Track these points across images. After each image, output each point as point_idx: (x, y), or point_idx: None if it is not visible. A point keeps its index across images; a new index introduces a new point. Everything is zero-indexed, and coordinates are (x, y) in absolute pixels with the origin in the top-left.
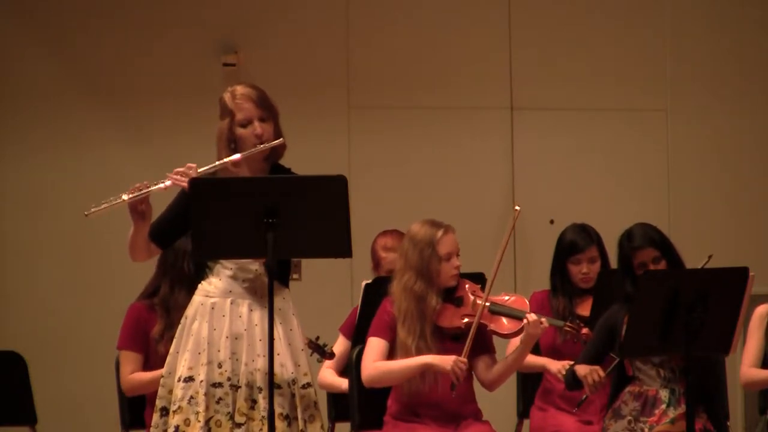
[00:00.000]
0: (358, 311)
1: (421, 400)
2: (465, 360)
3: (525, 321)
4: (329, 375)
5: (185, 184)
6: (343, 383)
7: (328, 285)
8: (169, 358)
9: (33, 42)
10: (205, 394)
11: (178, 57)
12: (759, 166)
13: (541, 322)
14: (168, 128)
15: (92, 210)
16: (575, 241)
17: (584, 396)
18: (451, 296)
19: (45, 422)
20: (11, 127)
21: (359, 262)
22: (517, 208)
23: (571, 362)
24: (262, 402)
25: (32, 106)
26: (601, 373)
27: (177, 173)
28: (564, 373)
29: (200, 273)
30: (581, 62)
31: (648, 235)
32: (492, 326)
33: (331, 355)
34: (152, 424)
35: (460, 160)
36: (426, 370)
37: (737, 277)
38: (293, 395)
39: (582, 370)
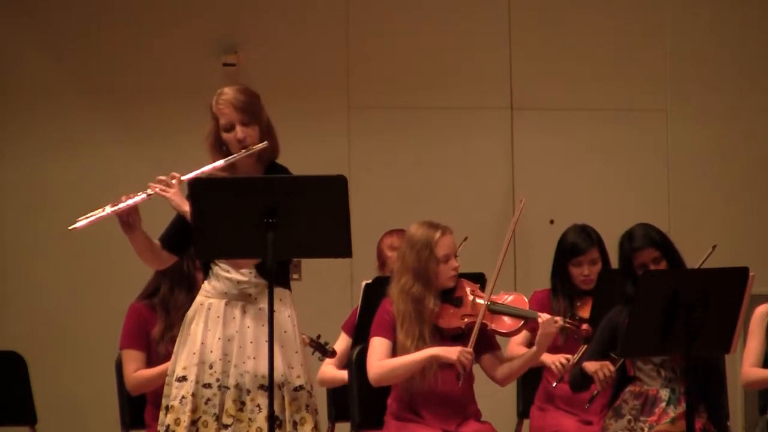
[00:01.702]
0: (358, 311)
1: (421, 399)
2: (471, 350)
3: (539, 320)
4: (330, 369)
5: (167, 195)
6: (344, 374)
7: (328, 285)
8: (172, 358)
9: (33, 42)
10: (193, 395)
11: (178, 57)
12: (759, 166)
13: (556, 321)
14: (168, 128)
15: (77, 224)
16: (576, 243)
17: (595, 392)
18: (450, 297)
19: (45, 422)
20: (11, 127)
21: (359, 262)
22: (522, 200)
23: (568, 356)
24: (249, 404)
25: (32, 106)
26: (611, 368)
27: (159, 182)
28: (558, 365)
29: (205, 273)
30: (581, 62)
31: (648, 236)
32: (493, 325)
33: (333, 354)
34: (159, 422)
35: (460, 160)
36: (432, 362)
37: (737, 277)
38: (283, 397)
39: (591, 366)
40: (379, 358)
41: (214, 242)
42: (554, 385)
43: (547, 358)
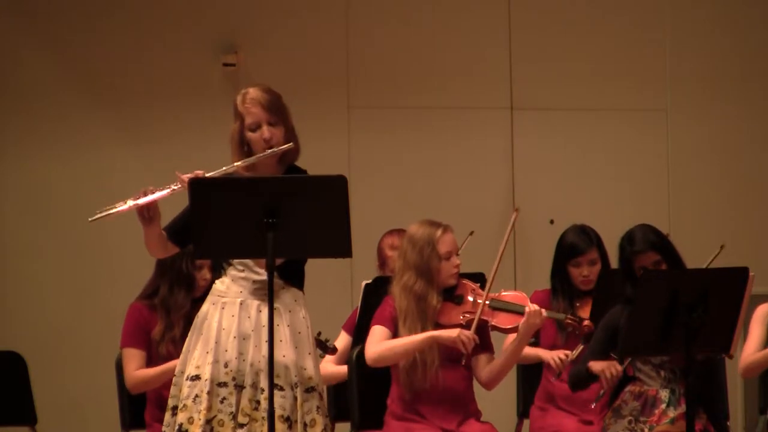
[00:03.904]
0: (358, 311)
1: (421, 399)
2: (472, 333)
3: (526, 310)
4: (329, 365)
5: None
6: (343, 368)
7: (328, 285)
8: (181, 357)
9: (33, 43)
10: (209, 393)
11: (177, 57)
12: (759, 166)
13: (541, 312)
14: (168, 128)
15: (97, 216)
16: (576, 244)
17: (601, 392)
18: (451, 295)
19: (45, 422)
20: (11, 127)
21: (359, 262)
22: (516, 209)
23: (567, 351)
24: (263, 403)
25: (32, 107)
26: (618, 368)
27: (185, 176)
28: (557, 360)
29: (216, 272)
30: (581, 62)
31: (648, 239)
32: (493, 322)
33: (334, 350)
34: (164, 422)
35: (460, 160)
36: (432, 343)
37: (737, 277)
38: (295, 398)
39: (598, 365)
40: (378, 341)
41: (214, 242)
42: (552, 380)
43: (546, 354)
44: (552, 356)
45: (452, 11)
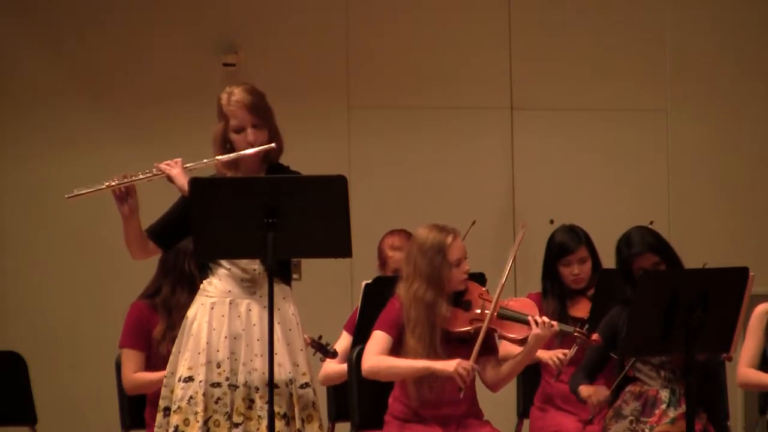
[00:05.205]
0: (358, 311)
1: (423, 399)
2: (471, 363)
3: (533, 322)
4: (332, 365)
5: (173, 173)
6: (345, 366)
7: (328, 285)
8: (171, 358)
9: (33, 43)
10: (204, 394)
11: (177, 57)
12: (759, 166)
13: (552, 325)
14: (168, 128)
15: (74, 193)
16: (565, 243)
17: (590, 417)
18: (459, 300)
19: (45, 422)
20: (11, 127)
21: (359, 262)
22: (523, 226)
23: (564, 351)
24: (259, 402)
25: (32, 106)
26: (606, 393)
27: (164, 164)
28: (555, 360)
29: (203, 272)
30: (581, 62)
31: (646, 241)
32: (501, 332)
33: (334, 354)
34: (156, 424)
35: (460, 160)
36: (427, 374)
37: (737, 277)
38: (291, 395)
39: (585, 391)
40: (377, 352)
41: (214, 242)
42: (552, 381)
43: (544, 354)
44: (550, 356)
45: (452, 11)
